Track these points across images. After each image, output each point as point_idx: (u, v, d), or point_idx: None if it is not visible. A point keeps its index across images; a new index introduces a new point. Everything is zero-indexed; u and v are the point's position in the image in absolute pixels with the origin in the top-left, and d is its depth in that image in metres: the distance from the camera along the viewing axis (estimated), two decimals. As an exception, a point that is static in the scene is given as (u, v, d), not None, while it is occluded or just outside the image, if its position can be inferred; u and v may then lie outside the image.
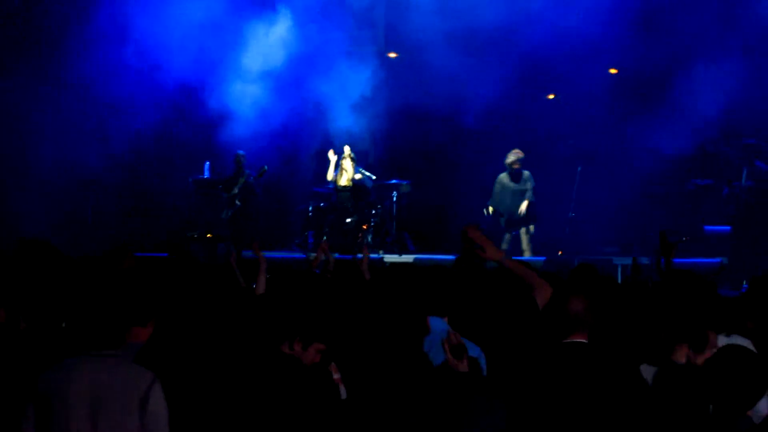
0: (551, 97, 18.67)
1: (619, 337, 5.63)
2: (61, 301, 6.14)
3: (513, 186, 16.32)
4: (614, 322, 5.74)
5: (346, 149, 16.50)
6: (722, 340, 5.67)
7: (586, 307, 5.25)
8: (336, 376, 5.50)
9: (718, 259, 14.78)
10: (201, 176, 17.70)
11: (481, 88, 17.02)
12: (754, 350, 5.31)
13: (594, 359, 5.18)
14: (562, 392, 5.07)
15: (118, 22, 16.77)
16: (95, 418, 4.63)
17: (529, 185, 16.32)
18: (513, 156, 16.32)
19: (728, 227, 15.57)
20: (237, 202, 16.47)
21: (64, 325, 6.15)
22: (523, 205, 16.11)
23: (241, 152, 16.78)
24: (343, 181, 16.51)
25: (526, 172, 16.37)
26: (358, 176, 16.47)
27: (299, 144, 18.88)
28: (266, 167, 16.53)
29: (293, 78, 18.03)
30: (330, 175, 16.68)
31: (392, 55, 18.89)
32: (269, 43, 17.65)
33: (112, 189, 17.66)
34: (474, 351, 5.47)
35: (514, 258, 6.59)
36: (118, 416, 4.65)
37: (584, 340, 5.24)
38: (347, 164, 16.40)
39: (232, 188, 16.57)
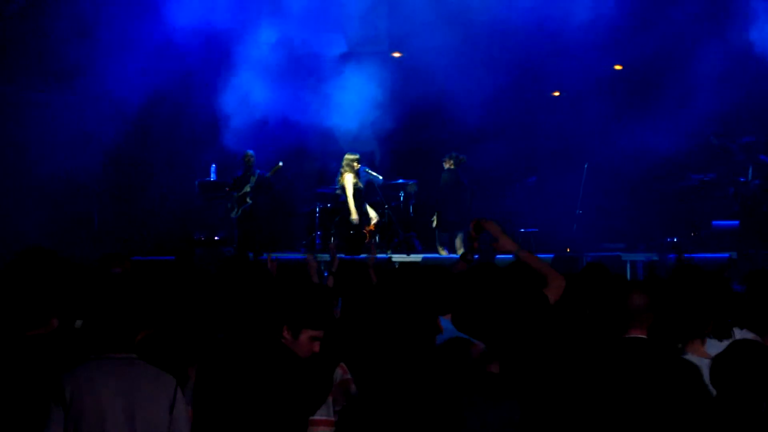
0: (556, 94, 18.65)
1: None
2: (71, 305, 6.15)
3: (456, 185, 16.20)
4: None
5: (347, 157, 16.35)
6: (736, 334, 5.66)
7: (647, 302, 5.19)
8: (346, 376, 5.43)
9: (726, 254, 14.74)
10: (207, 179, 17.72)
11: (485, 86, 17.01)
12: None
13: (656, 354, 5.12)
14: (625, 389, 4.99)
15: (115, 27, 16.75)
16: (132, 420, 4.67)
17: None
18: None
19: (736, 222, 15.56)
20: (248, 200, 16.41)
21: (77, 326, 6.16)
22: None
23: (250, 152, 16.75)
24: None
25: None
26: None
27: (303, 145, 18.86)
28: (281, 164, 16.53)
29: (296, 79, 18.03)
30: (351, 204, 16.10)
31: (396, 54, 18.88)
32: (272, 43, 17.65)
33: (116, 193, 17.68)
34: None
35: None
36: (153, 418, 4.71)
37: (644, 336, 5.17)
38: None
39: (243, 187, 16.53)
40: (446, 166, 16.09)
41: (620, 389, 5.00)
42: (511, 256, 6.34)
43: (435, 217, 16.11)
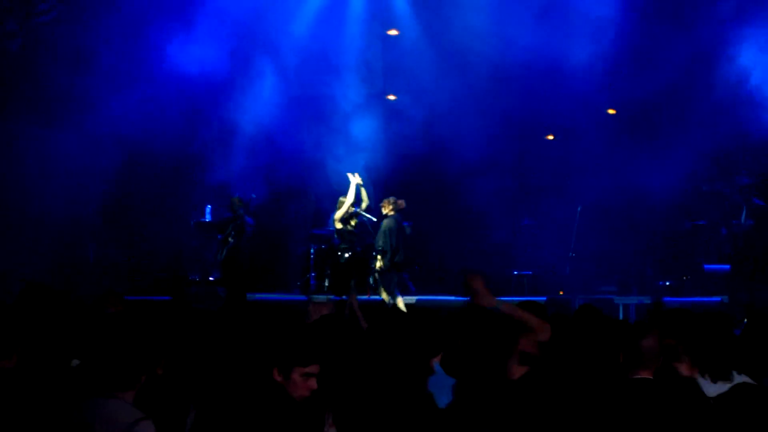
0: (550, 138, 18.74)
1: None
2: (69, 342, 6.18)
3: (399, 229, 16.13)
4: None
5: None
6: (735, 379, 5.69)
7: (659, 343, 5.25)
8: (331, 429, 5.27)
9: (718, 298, 14.81)
10: (203, 219, 17.76)
11: (480, 129, 17.11)
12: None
13: (663, 396, 5.15)
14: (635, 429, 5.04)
15: (116, 63, 16.86)
16: None
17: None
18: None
19: (727, 266, 15.61)
20: (230, 240, 16.41)
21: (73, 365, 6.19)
22: None
23: (236, 196, 16.78)
24: (364, 205, 16.34)
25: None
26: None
27: (298, 185, 18.93)
28: (254, 195, 16.68)
29: (290, 122, 18.14)
30: (350, 198, 15.99)
31: (391, 97, 18.98)
32: (269, 84, 17.78)
33: (113, 230, 17.67)
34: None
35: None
36: None
37: (650, 377, 5.22)
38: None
39: (225, 228, 16.54)
40: (385, 211, 15.79)
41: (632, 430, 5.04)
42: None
43: (381, 260, 15.82)
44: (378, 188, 18.36)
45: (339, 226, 15.73)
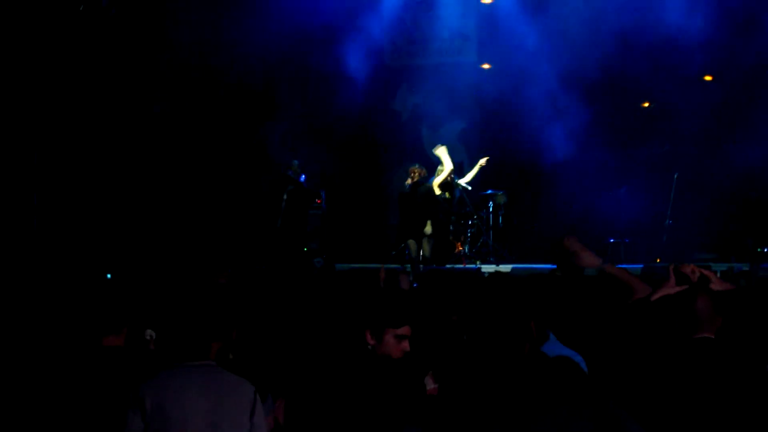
0: (646, 105, 18.53)
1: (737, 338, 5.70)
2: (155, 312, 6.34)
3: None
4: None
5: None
6: None
7: (713, 305, 5.42)
8: (431, 386, 5.38)
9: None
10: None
11: (573, 96, 17.01)
12: None
13: (724, 354, 5.28)
14: (692, 387, 5.15)
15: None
16: (214, 427, 4.71)
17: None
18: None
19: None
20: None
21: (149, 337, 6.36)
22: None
23: (294, 162, 16.97)
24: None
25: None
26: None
27: (392, 155, 19.05)
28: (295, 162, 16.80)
29: (388, 87, 18.25)
30: (448, 167, 15.80)
31: (486, 66, 18.95)
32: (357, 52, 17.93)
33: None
34: (576, 358, 5.50)
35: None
36: (235, 424, 4.75)
37: (712, 336, 5.38)
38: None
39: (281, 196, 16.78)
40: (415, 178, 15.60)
41: (688, 388, 5.15)
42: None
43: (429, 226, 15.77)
44: (472, 153, 18.38)
45: (437, 192, 15.76)
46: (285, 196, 16.69)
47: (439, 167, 15.78)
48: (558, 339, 5.81)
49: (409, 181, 15.47)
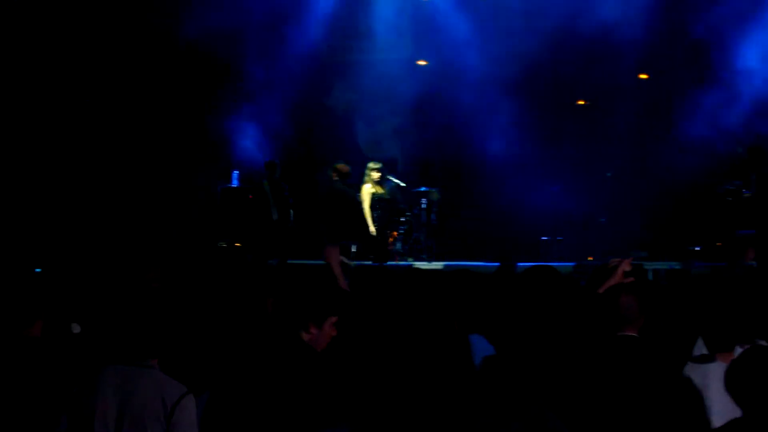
0: (581, 103, 18.59)
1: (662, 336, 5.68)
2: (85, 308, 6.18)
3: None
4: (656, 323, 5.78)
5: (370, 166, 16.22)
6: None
7: (637, 303, 5.43)
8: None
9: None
10: (229, 185, 17.74)
11: (508, 94, 17.01)
12: None
13: (646, 352, 5.32)
14: (614, 383, 5.16)
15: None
16: (120, 423, 4.60)
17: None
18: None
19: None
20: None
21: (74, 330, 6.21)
22: None
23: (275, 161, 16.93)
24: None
25: None
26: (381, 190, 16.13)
27: (320, 153, 18.95)
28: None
29: (318, 84, 18.14)
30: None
31: (422, 62, 18.88)
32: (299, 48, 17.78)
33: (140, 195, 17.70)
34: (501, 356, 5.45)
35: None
36: (143, 423, 4.62)
37: (635, 335, 5.40)
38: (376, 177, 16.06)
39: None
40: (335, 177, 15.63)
41: (610, 384, 5.16)
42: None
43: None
44: (406, 154, 18.31)
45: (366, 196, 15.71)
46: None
47: (366, 186, 15.72)
48: (485, 337, 5.72)
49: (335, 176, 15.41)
